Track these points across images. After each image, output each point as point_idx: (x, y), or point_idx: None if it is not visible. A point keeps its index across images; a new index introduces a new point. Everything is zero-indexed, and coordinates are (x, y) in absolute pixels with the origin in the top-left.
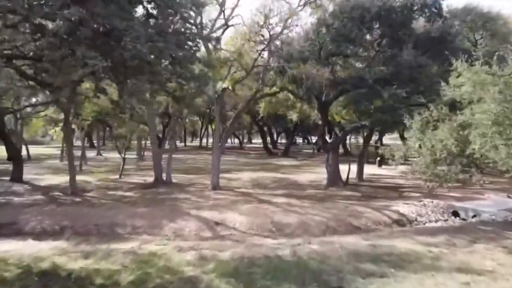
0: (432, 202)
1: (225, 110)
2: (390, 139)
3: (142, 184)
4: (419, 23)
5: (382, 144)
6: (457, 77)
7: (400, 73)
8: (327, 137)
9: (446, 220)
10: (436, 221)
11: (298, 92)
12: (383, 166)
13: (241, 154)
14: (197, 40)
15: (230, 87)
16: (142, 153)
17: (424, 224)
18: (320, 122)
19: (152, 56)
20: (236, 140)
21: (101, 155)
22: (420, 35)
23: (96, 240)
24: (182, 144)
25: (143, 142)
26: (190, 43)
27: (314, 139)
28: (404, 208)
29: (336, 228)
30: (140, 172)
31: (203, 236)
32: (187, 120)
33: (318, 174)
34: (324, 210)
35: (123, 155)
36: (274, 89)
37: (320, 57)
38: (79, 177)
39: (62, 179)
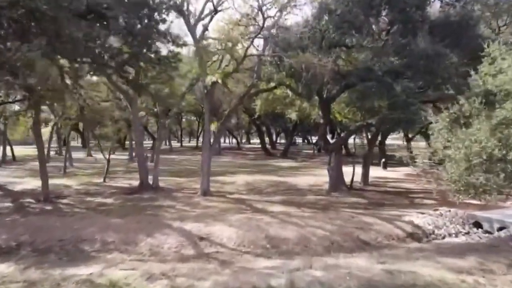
0: (450, 211)
1: (219, 108)
2: (391, 139)
3: (126, 188)
4: (435, 7)
5: (384, 145)
6: (491, 63)
7: (414, 64)
8: (328, 137)
9: (467, 233)
10: (456, 234)
11: (297, 88)
12: (388, 168)
13: (238, 154)
14: (164, 10)
15: (220, 81)
16: (134, 154)
17: (443, 238)
18: (321, 121)
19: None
20: (235, 141)
21: (91, 156)
22: (436, 20)
23: (52, 262)
24: (179, 144)
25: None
26: (155, 15)
27: (314, 139)
28: (418, 218)
29: (342, 244)
30: (128, 175)
31: (183, 254)
32: (184, 119)
33: (319, 177)
34: (327, 221)
35: (107, 157)
36: (271, 84)
37: (322, 47)
38: (60, 181)
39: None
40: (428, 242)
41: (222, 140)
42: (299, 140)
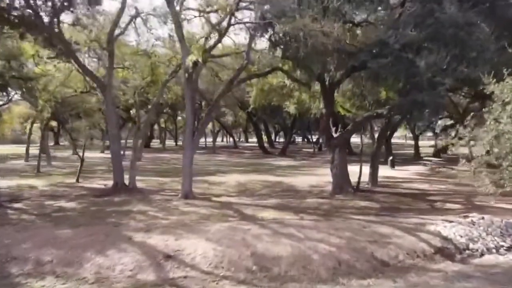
0: (483, 218)
1: (208, 99)
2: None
3: (99, 190)
4: None
5: (390, 142)
6: None
7: (439, 35)
8: (332, 131)
9: (511, 248)
10: (497, 249)
11: (295, 70)
12: (396, 167)
13: (233, 153)
14: None
15: (200, 59)
16: (123, 152)
17: (482, 255)
18: (323, 111)
19: None
20: (233, 140)
21: (77, 154)
22: None
23: None
24: (174, 143)
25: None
26: None
27: (314, 138)
28: (446, 228)
29: (353, 264)
30: (108, 175)
31: (139, 280)
32: (180, 118)
33: (320, 176)
34: (332, 232)
35: (81, 154)
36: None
37: (325, 14)
38: (28, 181)
39: (6, 183)
40: (464, 261)
41: (219, 139)
42: (298, 139)
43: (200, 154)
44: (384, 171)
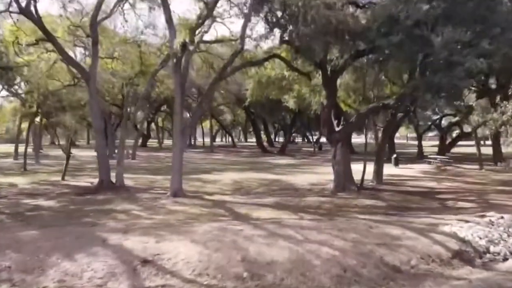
0: (503, 217)
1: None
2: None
3: (83, 188)
4: None
5: (391, 139)
6: None
7: (457, 9)
8: (334, 123)
9: None
10: None
11: (294, 58)
12: (399, 165)
13: (231, 152)
14: None
15: (188, 40)
16: (115, 150)
17: (505, 259)
18: (324, 102)
19: None
20: (232, 139)
21: (70, 153)
22: None
23: None
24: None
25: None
26: None
27: (315, 137)
28: (463, 229)
29: (360, 271)
30: (97, 173)
31: None
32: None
33: (321, 175)
34: (336, 233)
35: (66, 151)
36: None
37: None
38: (10, 179)
39: None
40: (487, 266)
41: (218, 139)
42: (298, 140)
43: (197, 153)
44: (388, 169)
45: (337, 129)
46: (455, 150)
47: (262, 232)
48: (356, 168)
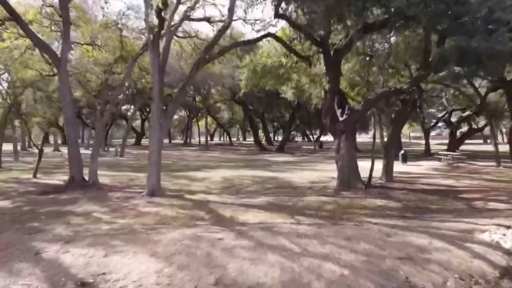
0: None
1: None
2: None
3: (52, 186)
4: None
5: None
6: None
7: None
8: (337, 112)
9: None
10: None
11: (292, 38)
12: (408, 162)
13: (228, 150)
14: None
15: (160, 4)
16: (105, 147)
17: None
18: (326, 87)
19: None
20: (229, 136)
21: (59, 151)
22: None
23: None
24: (167, 141)
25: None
26: None
27: (315, 135)
28: (506, 237)
29: None
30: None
31: None
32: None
33: (322, 172)
34: (343, 242)
35: (39, 148)
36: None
37: None
38: None
39: None
40: None
41: (216, 138)
42: (298, 139)
43: (192, 151)
44: (396, 166)
45: (341, 118)
46: (461, 147)
47: (247, 242)
48: (362, 165)
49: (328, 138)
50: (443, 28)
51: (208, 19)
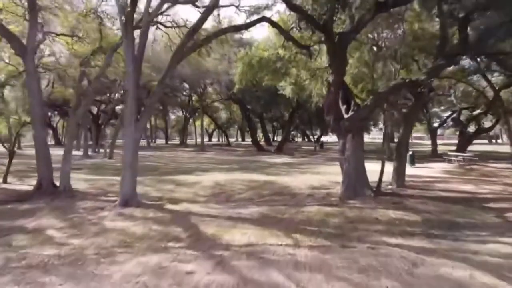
0: None
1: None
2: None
3: (18, 192)
4: None
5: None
6: None
7: None
8: (342, 109)
9: None
10: None
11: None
12: (416, 164)
13: (225, 151)
14: None
15: None
16: (96, 149)
17: None
18: (330, 79)
19: None
20: (232, 139)
21: (14, 151)
22: None
23: None
24: (164, 141)
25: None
26: None
27: (315, 135)
28: None
29: None
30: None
31: None
32: (172, 116)
33: (324, 175)
34: (356, 277)
35: (9, 149)
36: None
37: None
38: None
39: None
40: None
41: (215, 139)
42: (298, 139)
43: (186, 152)
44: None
45: (346, 115)
46: (469, 148)
47: (225, 279)
48: (367, 168)
49: (329, 138)
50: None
51: (194, 2)
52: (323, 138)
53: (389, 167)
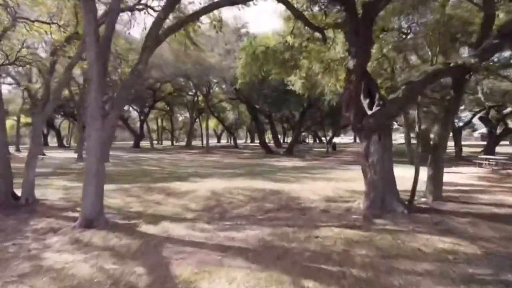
0: None
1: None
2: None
3: None
4: None
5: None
6: None
7: None
8: (364, 104)
9: None
10: None
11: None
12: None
13: (231, 153)
14: None
15: None
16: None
17: None
18: (349, 65)
19: None
20: (240, 141)
21: (43, 154)
22: None
23: None
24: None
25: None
26: None
27: (328, 136)
28: None
29: None
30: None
31: None
32: (180, 117)
33: (339, 182)
34: None
35: None
36: None
37: None
38: None
39: None
40: None
41: (224, 140)
42: (310, 140)
43: (190, 154)
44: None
45: (369, 112)
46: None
47: None
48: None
49: (340, 139)
50: None
51: None
52: (335, 139)
53: (403, 172)
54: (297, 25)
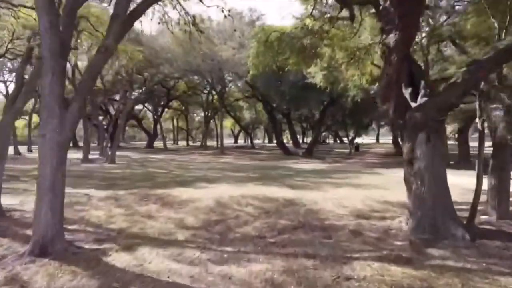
0: None
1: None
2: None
3: None
4: None
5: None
6: None
7: None
8: (406, 93)
9: None
10: None
11: None
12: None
13: (246, 154)
14: None
15: None
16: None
17: None
18: (389, 44)
19: None
20: (257, 141)
21: (19, 154)
22: None
23: None
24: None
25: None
26: None
27: (350, 136)
28: None
29: None
30: (25, 186)
31: None
32: (197, 117)
33: (368, 189)
34: None
35: None
36: None
37: None
38: None
39: None
40: None
41: (241, 140)
42: (330, 141)
43: (203, 155)
44: (472, 182)
45: (414, 104)
46: None
47: None
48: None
49: (362, 139)
50: None
51: None
52: (357, 139)
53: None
54: (317, 6)
